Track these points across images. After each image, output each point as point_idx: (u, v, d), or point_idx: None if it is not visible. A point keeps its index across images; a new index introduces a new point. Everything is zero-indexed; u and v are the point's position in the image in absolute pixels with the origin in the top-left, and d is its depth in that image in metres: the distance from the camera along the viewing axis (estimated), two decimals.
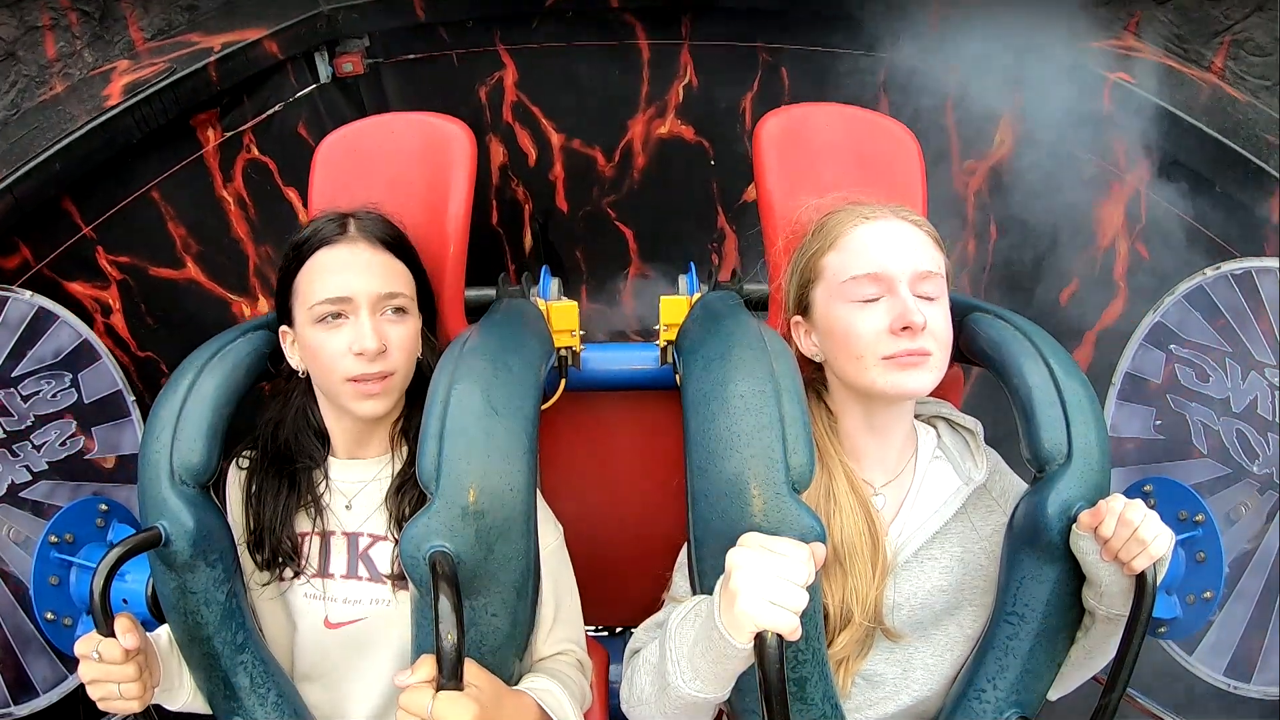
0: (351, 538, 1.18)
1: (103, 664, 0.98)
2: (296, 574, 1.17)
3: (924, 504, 1.15)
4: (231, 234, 2.00)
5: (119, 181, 1.80)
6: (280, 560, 1.16)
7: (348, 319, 1.10)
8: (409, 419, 1.19)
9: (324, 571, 1.17)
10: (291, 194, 2.06)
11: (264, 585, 1.17)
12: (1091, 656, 1.09)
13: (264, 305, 2.05)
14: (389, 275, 1.13)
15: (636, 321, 2.48)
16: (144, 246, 1.86)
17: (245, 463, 1.22)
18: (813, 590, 0.93)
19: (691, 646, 0.92)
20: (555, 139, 2.25)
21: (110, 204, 1.78)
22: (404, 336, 1.13)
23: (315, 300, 1.10)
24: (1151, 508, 0.98)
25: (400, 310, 1.13)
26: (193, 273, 1.95)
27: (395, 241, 1.16)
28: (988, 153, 1.98)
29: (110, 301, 1.81)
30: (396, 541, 1.14)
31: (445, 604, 0.86)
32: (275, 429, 1.20)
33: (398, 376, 1.12)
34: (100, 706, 1.02)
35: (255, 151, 2.00)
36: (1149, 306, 1.71)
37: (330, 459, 1.21)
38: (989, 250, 2.03)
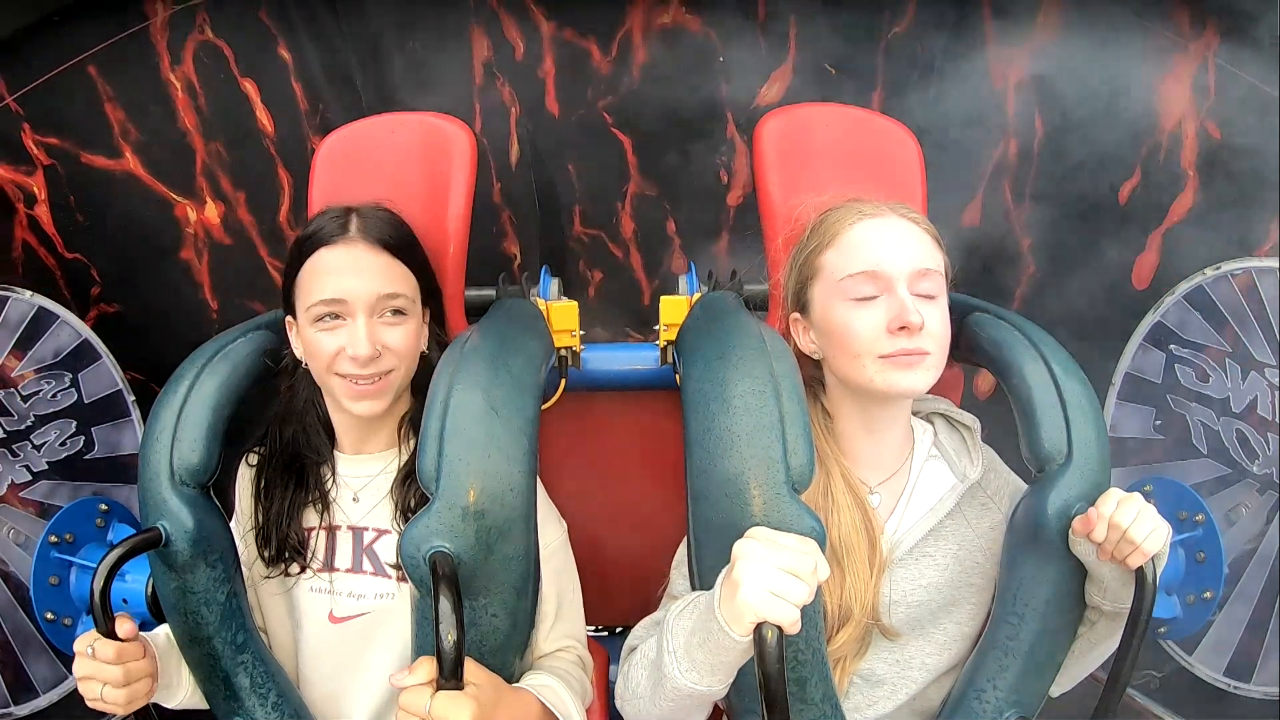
0: (357, 532, 1.18)
1: (95, 661, 0.98)
2: (302, 569, 1.17)
3: (919, 502, 1.15)
4: (178, 124, 1.77)
5: (50, 49, 1.61)
6: (286, 556, 1.17)
7: (344, 321, 1.10)
8: (418, 412, 1.19)
9: (330, 566, 1.18)
10: (248, 85, 1.80)
11: (265, 578, 1.17)
12: (1096, 648, 1.10)
13: (211, 211, 1.84)
14: (387, 276, 1.13)
15: (639, 259, 2.10)
16: (76, 129, 1.68)
17: (254, 459, 1.23)
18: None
19: (689, 637, 0.92)
20: (545, 28, 1.91)
21: (39, 73, 1.60)
22: (402, 338, 1.13)
23: (312, 301, 1.11)
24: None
25: (399, 312, 1.13)
26: (131, 164, 1.73)
27: (396, 242, 1.16)
28: (1028, 39, 1.74)
29: (35, 189, 1.64)
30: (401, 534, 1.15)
31: (445, 604, 0.86)
32: (281, 425, 1.21)
33: (395, 375, 1.13)
34: (89, 704, 1.02)
35: (209, 33, 1.75)
36: (1227, 198, 1.54)
37: (337, 454, 1.21)
38: (1034, 147, 1.79)
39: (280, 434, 1.21)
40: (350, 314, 1.10)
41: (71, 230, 1.68)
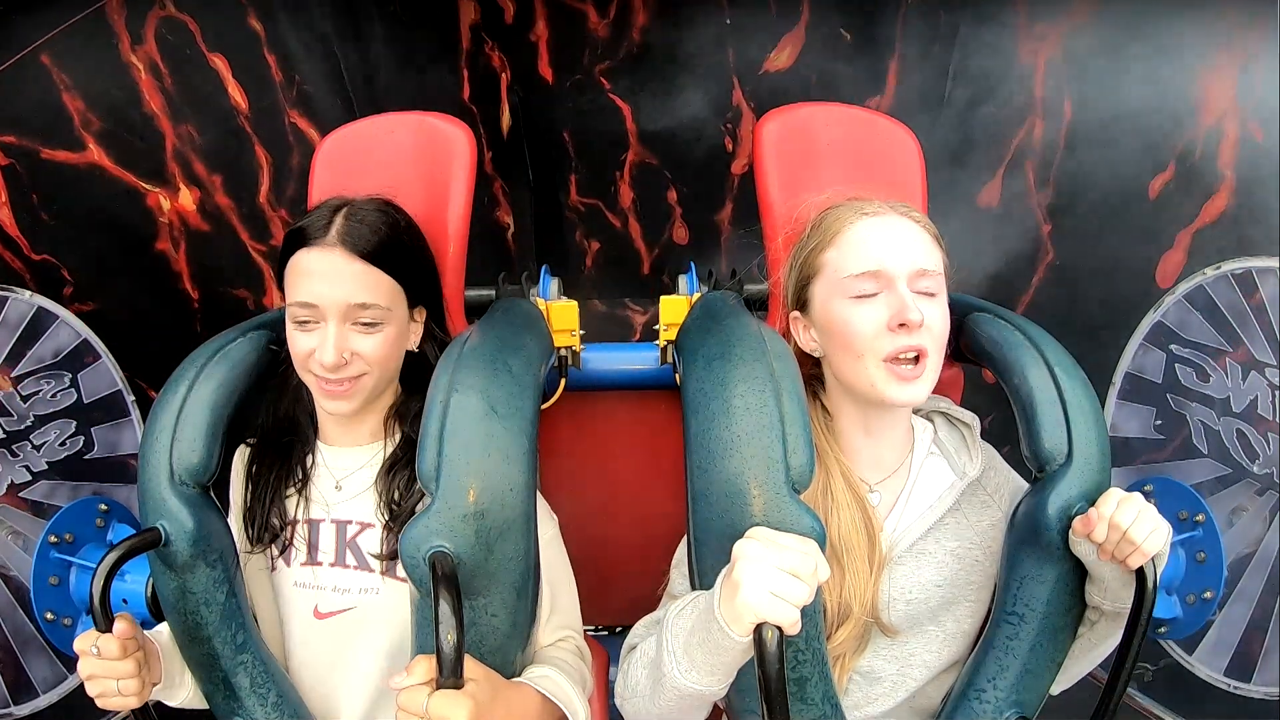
0: (340, 525, 1.18)
1: (101, 660, 0.99)
2: (283, 552, 1.18)
3: (919, 500, 1.15)
4: (143, 108, 1.69)
5: None
6: (269, 537, 1.18)
7: (317, 325, 1.11)
8: (405, 404, 1.20)
9: (313, 559, 1.18)
10: (217, 61, 1.71)
11: (249, 554, 1.18)
12: (1096, 648, 1.10)
13: (186, 197, 1.75)
14: (361, 286, 1.11)
15: (637, 229, 1.99)
16: (34, 123, 1.61)
17: (249, 444, 1.24)
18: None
19: (688, 636, 0.92)
20: None
21: None
22: (374, 346, 1.12)
23: (290, 302, 1.13)
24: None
25: (372, 320, 1.12)
26: (96, 156, 1.66)
27: (377, 250, 1.13)
28: (1063, 14, 1.65)
29: None
30: (385, 526, 1.16)
31: (445, 604, 0.86)
32: (274, 409, 1.23)
33: (367, 380, 1.13)
34: (99, 704, 1.02)
35: (171, 8, 1.66)
36: (1261, 201, 1.49)
37: (321, 443, 1.22)
38: (1061, 132, 1.72)
39: (272, 417, 1.23)
40: (322, 319, 1.11)
41: (37, 231, 1.63)
